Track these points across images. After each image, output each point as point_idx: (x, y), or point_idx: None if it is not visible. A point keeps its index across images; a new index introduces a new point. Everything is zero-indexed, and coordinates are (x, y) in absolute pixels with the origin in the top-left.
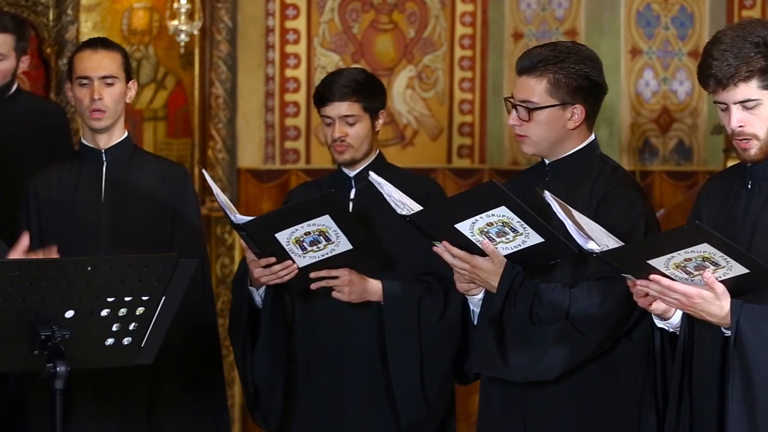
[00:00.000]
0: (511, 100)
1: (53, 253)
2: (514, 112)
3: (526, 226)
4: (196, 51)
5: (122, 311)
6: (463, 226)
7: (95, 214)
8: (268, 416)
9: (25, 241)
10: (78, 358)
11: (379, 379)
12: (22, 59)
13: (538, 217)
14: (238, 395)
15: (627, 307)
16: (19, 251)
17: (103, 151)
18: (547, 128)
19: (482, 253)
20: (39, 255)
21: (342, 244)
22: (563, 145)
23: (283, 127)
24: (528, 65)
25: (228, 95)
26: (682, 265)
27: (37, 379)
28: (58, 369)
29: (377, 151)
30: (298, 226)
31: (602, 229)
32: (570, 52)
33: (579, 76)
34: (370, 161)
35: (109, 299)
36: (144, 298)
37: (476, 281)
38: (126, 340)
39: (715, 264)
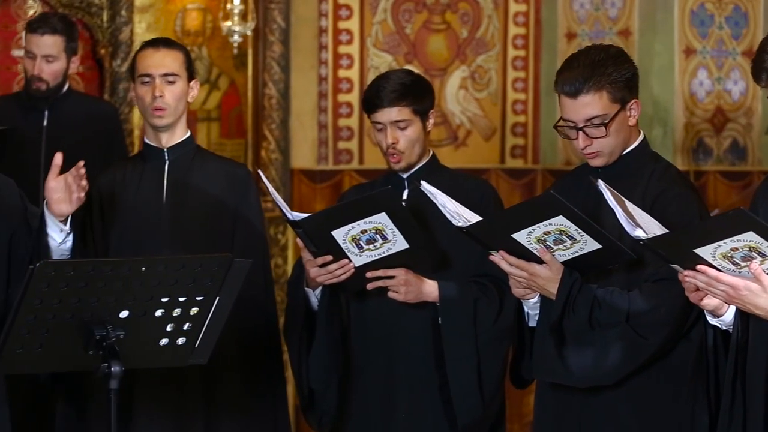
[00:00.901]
0: (569, 124)
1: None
2: (581, 134)
3: (583, 233)
4: (250, 52)
5: (176, 311)
6: (520, 236)
7: (157, 214)
8: (322, 417)
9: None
10: (132, 358)
11: (431, 380)
12: (73, 60)
13: (595, 224)
14: (292, 395)
15: (685, 308)
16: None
17: (165, 149)
18: (617, 135)
19: (539, 260)
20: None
21: (398, 243)
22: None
23: (336, 127)
24: (581, 84)
25: (281, 96)
26: (729, 255)
27: (93, 377)
28: (112, 369)
29: (430, 153)
30: (354, 224)
31: (654, 221)
32: (606, 54)
33: (625, 72)
34: (424, 163)
35: (164, 299)
36: (198, 298)
37: (534, 288)
38: (180, 340)
39: (762, 255)
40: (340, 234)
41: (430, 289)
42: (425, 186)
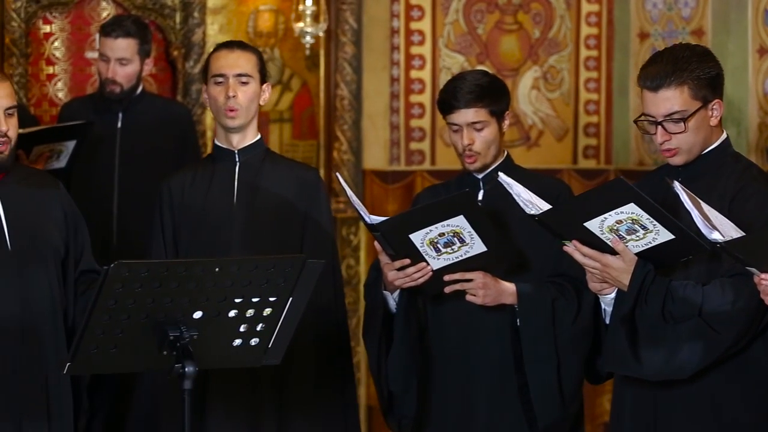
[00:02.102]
0: (649, 118)
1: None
2: (660, 129)
3: (656, 223)
4: (322, 53)
5: (250, 312)
6: (593, 225)
7: (227, 216)
8: (401, 420)
9: None
10: (206, 359)
11: (511, 382)
12: (146, 62)
13: (668, 213)
14: (364, 396)
15: (761, 305)
16: None
17: (236, 151)
18: (696, 132)
19: (613, 252)
20: None
21: (476, 246)
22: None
23: (408, 128)
24: (663, 78)
25: (353, 97)
26: None
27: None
28: (186, 369)
29: (505, 153)
30: (432, 227)
31: (732, 224)
32: (691, 51)
33: (709, 71)
34: (498, 163)
35: (237, 300)
36: (271, 299)
37: (607, 280)
38: (253, 341)
39: None
40: (417, 237)
41: (508, 291)
42: (502, 177)
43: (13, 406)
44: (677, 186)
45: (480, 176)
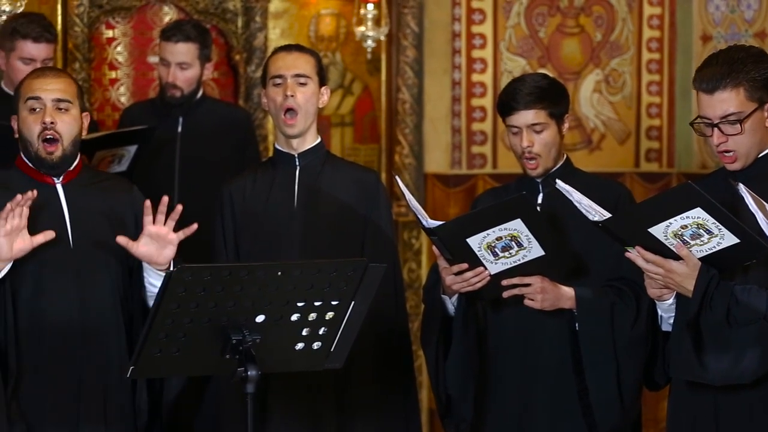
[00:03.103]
0: (705, 120)
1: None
2: (716, 131)
3: (721, 227)
4: (383, 56)
5: (312, 316)
6: (657, 230)
7: (288, 219)
8: (459, 424)
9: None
10: (268, 362)
11: (570, 386)
12: (207, 67)
13: (733, 216)
14: (426, 400)
15: None
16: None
17: (296, 155)
18: (753, 134)
19: (675, 257)
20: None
21: (534, 250)
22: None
23: (469, 131)
24: (719, 80)
25: (414, 100)
26: None
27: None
28: (249, 373)
29: (564, 156)
30: (489, 231)
31: None
32: (746, 53)
33: (764, 72)
34: (558, 166)
35: (299, 304)
36: (333, 302)
37: (670, 285)
38: (316, 345)
39: None
40: (475, 241)
41: (567, 295)
42: (560, 184)
43: (71, 407)
44: (742, 188)
45: (539, 180)
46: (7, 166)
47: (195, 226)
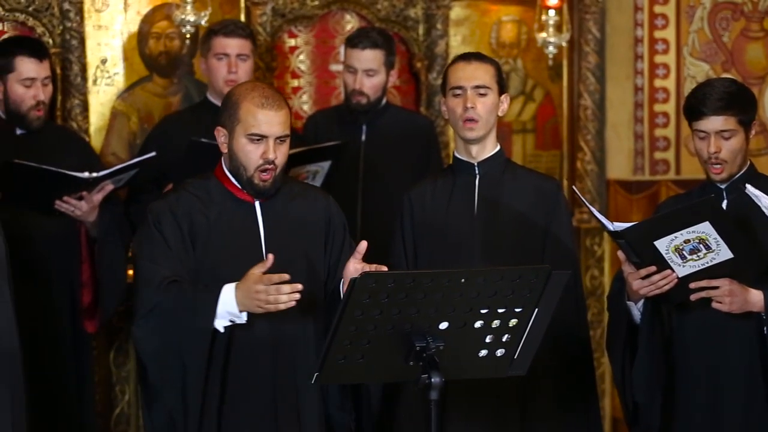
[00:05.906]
0: None
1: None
2: None
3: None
4: (565, 63)
5: (495, 323)
6: None
7: (468, 228)
8: (647, 431)
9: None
10: (451, 369)
11: (759, 390)
12: (391, 74)
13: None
14: (609, 408)
15: None
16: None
17: (476, 163)
18: None
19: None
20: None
21: (722, 253)
22: None
23: (652, 137)
24: None
25: (596, 107)
26: None
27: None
28: (433, 380)
29: (748, 162)
30: (677, 234)
31: None
32: None
33: None
34: (742, 172)
35: (483, 311)
36: (517, 309)
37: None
38: (499, 352)
39: None
40: (663, 244)
41: (756, 299)
42: (750, 189)
43: (269, 413)
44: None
45: (723, 186)
46: (206, 176)
47: (365, 244)
